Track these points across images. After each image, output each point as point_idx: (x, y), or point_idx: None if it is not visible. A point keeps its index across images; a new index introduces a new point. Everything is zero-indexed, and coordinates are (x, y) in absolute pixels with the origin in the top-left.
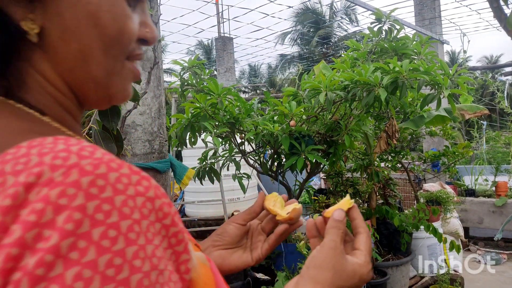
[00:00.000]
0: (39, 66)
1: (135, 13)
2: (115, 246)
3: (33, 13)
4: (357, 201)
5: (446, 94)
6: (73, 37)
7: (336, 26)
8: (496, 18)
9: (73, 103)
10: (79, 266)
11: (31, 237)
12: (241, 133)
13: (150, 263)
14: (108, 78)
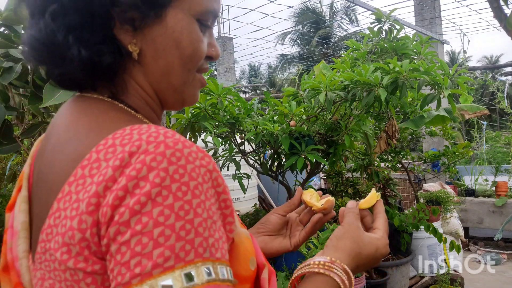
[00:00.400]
0: (136, 77)
1: (205, 37)
2: (185, 196)
3: (136, 38)
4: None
5: (446, 94)
6: (162, 56)
7: (336, 26)
8: (496, 18)
9: (157, 105)
10: (161, 207)
11: (131, 185)
12: (241, 133)
13: (207, 213)
14: (183, 86)
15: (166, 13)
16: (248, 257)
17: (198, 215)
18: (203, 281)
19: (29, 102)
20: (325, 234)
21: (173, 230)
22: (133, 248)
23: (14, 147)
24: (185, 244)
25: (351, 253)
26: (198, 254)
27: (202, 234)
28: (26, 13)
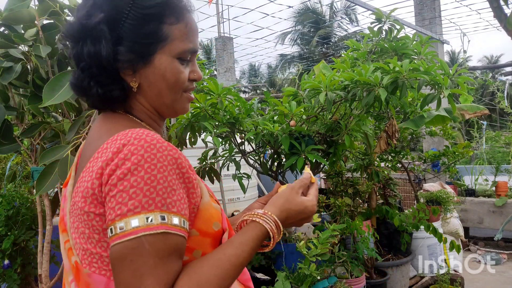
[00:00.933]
0: (139, 100)
1: (187, 67)
2: (152, 172)
3: (135, 77)
4: (357, 201)
5: (446, 94)
6: (153, 86)
7: (336, 26)
8: (496, 18)
9: (156, 117)
10: (136, 177)
11: (120, 163)
12: (241, 133)
13: (168, 183)
14: (173, 103)
15: (153, 59)
16: (211, 221)
17: (160, 184)
18: (158, 223)
19: (29, 102)
20: (325, 234)
21: (142, 191)
22: (117, 199)
23: (14, 147)
24: (149, 200)
25: (282, 208)
26: (157, 207)
27: (161, 195)
28: (26, 13)
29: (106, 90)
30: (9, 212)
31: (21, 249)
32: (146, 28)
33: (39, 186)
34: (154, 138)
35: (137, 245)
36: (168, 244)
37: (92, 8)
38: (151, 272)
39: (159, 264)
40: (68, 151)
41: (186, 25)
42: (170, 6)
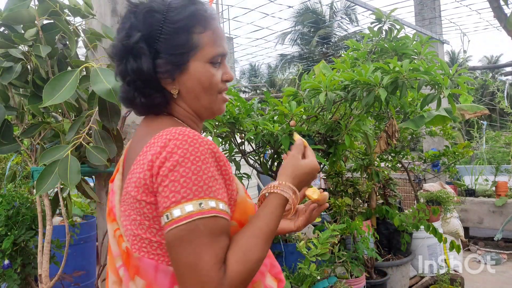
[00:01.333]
0: (179, 104)
1: (218, 69)
2: (197, 163)
3: (174, 85)
4: (357, 201)
5: (446, 94)
6: (191, 90)
7: (336, 26)
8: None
9: (195, 118)
10: (184, 168)
11: (168, 156)
12: (241, 133)
13: (211, 173)
14: (210, 105)
15: (188, 66)
16: (247, 213)
17: (205, 174)
18: (208, 208)
19: (29, 102)
20: (325, 235)
21: (191, 180)
22: (170, 188)
23: (14, 147)
24: (198, 188)
25: (292, 175)
26: (206, 194)
27: (207, 184)
28: (26, 13)
29: (149, 99)
30: (9, 212)
31: (21, 249)
32: (178, 40)
33: (39, 186)
34: (195, 134)
35: (193, 227)
36: (218, 225)
37: (130, 30)
38: (207, 249)
39: (213, 243)
40: (68, 151)
41: (213, 32)
42: (196, 17)
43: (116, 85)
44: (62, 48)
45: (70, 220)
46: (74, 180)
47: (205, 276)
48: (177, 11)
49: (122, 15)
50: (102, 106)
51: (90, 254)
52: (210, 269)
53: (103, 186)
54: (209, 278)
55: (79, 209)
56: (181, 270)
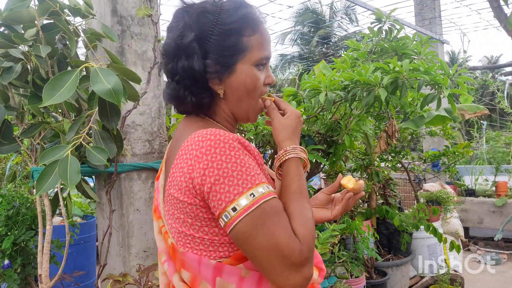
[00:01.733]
0: (221, 105)
1: (262, 72)
2: (232, 159)
3: (221, 85)
4: (357, 201)
5: (446, 94)
6: (235, 92)
7: (336, 26)
8: (496, 18)
9: (232, 120)
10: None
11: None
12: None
13: (246, 164)
14: (249, 109)
15: (236, 68)
16: None
17: (242, 167)
18: (260, 194)
19: (29, 102)
20: (325, 234)
21: (234, 176)
22: (219, 191)
23: (14, 147)
24: (243, 181)
25: (288, 136)
26: (260, 181)
27: (248, 175)
28: (26, 13)
29: (198, 98)
30: (9, 212)
31: (21, 249)
32: (228, 41)
33: (39, 186)
34: (223, 134)
35: (262, 211)
36: (278, 203)
37: (184, 29)
38: (279, 226)
39: (281, 219)
40: (68, 151)
41: (261, 35)
42: (246, 20)
43: (116, 85)
44: (62, 48)
45: (70, 220)
46: (74, 180)
47: (286, 249)
48: (229, 13)
49: (122, 15)
50: (102, 106)
51: (90, 254)
52: (288, 241)
53: (103, 186)
54: (290, 250)
55: (79, 209)
56: (263, 254)
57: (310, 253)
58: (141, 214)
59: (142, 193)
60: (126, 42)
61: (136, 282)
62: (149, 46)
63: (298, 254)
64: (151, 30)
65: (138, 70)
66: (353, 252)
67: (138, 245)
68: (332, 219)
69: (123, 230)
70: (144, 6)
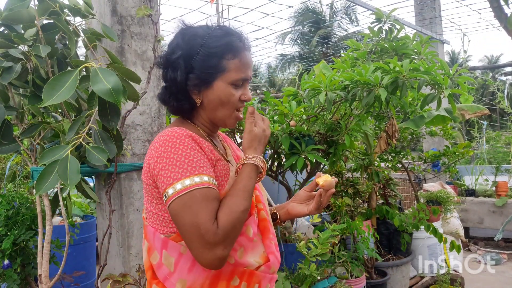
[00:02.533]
0: (200, 112)
1: (238, 90)
2: (179, 152)
3: (199, 96)
4: (357, 201)
5: (446, 94)
6: (211, 104)
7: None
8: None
9: (210, 125)
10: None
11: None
12: (241, 133)
13: (192, 157)
14: (225, 118)
15: (213, 84)
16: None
17: (186, 158)
18: (193, 182)
19: (29, 102)
20: (325, 235)
21: (185, 162)
22: (162, 175)
23: (14, 147)
24: (183, 170)
25: (252, 146)
26: (190, 173)
27: (190, 165)
28: (26, 13)
29: (179, 104)
30: (9, 212)
31: (21, 249)
32: (210, 62)
33: (39, 186)
34: (178, 130)
35: (191, 196)
36: (210, 193)
37: (176, 48)
38: (203, 210)
39: (207, 205)
40: (68, 151)
41: (240, 60)
42: (229, 46)
43: (116, 84)
44: (62, 48)
45: (70, 220)
46: (74, 180)
47: (203, 229)
48: (216, 39)
49: (122, 15)
50: (102, 106)
51: (90, 254)
52: (206, 222)
53: (103, 186)
54: (206, 230)
55: (79, 209)
56: (186, 229)
57: (224, 237)
58: (141, 214)
59: (142, 193)
60: (126, 42)
61: (136, 282)
62: (149, 46)
63: (212, 235)
64: (151, 30)
65: (138, 70)
66: (353, 252)
67: (138, 245)
68: (308, 214)
69: (123, 230)
70: (144, 6)
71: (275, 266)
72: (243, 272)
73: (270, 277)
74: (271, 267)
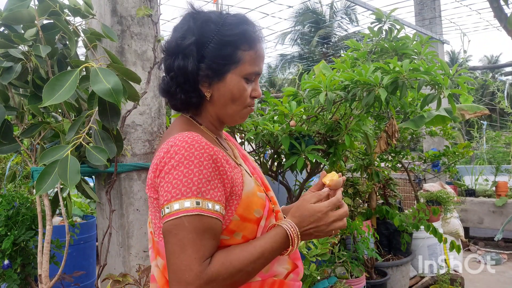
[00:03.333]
0: (208, 107)
1: (250, 85)
2: (190, 167)
3: (209, 89)
4: (357, 201)
5: (446, 94)
6: (222, 98)
7: (336, 26)
8: (496, 18)
9: (217, 122)
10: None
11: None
12: (241, 133)
13: (204, 175)
14: (234, 114)
15: (226, 77)
16: (252, 207)
17: (196, 176)
18: (193, 207)
19: (29, 102)
20: None
21: (181, 182)
22: (164, 189)
23: (14, 147)
24: (187, 188)
25: (294, 214)
26: (193, 194)
27: (197, 185)
28: (26, 13)
29: (187, 96)
30: (9, 212)
31: (21, 249)
32: (224, 51)
33: (39, 186)
34: (194, 140)
35: (179, 222)
36: (202, 223)
37: (187, 32)
38: (191, 244)
39: (197, 239)
40: (68, 151)
41: (256, 52)
42: (245, 36)
43: (116, 85)
44: (62, 48)
45: (70, 220)
46: (74, 180)
47: (186, 266)
48: (231, 26)
49: (122, 15)
50: (102, 106)
51: (90, 254)
52: (192, 261)
53: (103, 186)
54: (189, 268)
55: (79, 209)
56: (168, 257)
57: (206, 286)
58: (141, 214)
59: (142, 193)
60: (126, 42)
61: (136, 282)
62: (149, 46)
63: (193, 276)
64: (151, 30)
65: (138, 70)
66: (353, 252)
67: (138, 245)
68: None
69: (123, 230)
70: (144, 6)
71: (302, 273)
72: (273, 283)
73: (298, 285)
74: (299, 273)
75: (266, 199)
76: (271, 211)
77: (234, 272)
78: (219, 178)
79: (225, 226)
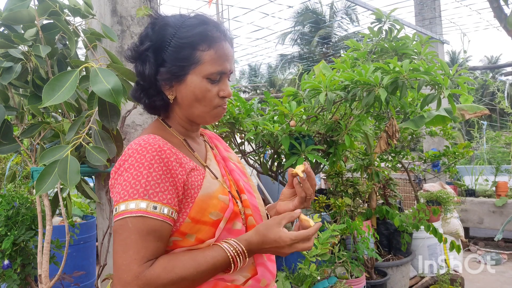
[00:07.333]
0: (175, 109)
1: (215, 85)
2: (140, 169)
3: (171, 92)
4: (357, 201)
5: (446, 94)
6: (185, 99)
7: (336, 26)
8: (496, 18)
9: (187, 123)
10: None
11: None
12: (241, 133)
13: (152, 178)
14: (203, 114)
15: (186, 78)
16: (208, 210)
17: (144, 178)
18: (138, 208)
19: (28, 102)
20: (325, 234)
21: (130, 184)
22: (115, 190)
23: (14, 147)
24: (134, 190)
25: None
26: (139, 196)
27: (144, 187)
28: (26, 13)
29: (151, 100)
30: (9, 212)
31: (21, 249)
32: (182, 53)
33: (38, 186)
34: (148, 143)
35: (123, 223)
36: (146, 225)
37: (144, 38)
38: (133, 244)
39: (139, 240)
40: (68, 151)
41: (215, 52)
42: (203, 36)
43: (116, 85)
44: (62, 48)
45: (70, 220)
46: (74, 180)
47: (125, 265)
48: (188, 28)
49: (122, 15)
50: (102, 106)
51: (90, 254)
52: (132, 262)
53: (103, 186)
54: (128, 268)
55: (79, 209)
56: (113, 256)
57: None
58: None
59: None
60: (126, 42)
61: None
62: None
63: (131, 276)
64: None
65: None
66: (353, 252)
67: None
68: (293, 209)
69: None
70: (144, 6)
71: (267, 279)
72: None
73: None
74: (261, 280)
75: (230, 202)
76: (236, 214)
77: (175, 279)
78: (171, 181)
79: (175, 228)
